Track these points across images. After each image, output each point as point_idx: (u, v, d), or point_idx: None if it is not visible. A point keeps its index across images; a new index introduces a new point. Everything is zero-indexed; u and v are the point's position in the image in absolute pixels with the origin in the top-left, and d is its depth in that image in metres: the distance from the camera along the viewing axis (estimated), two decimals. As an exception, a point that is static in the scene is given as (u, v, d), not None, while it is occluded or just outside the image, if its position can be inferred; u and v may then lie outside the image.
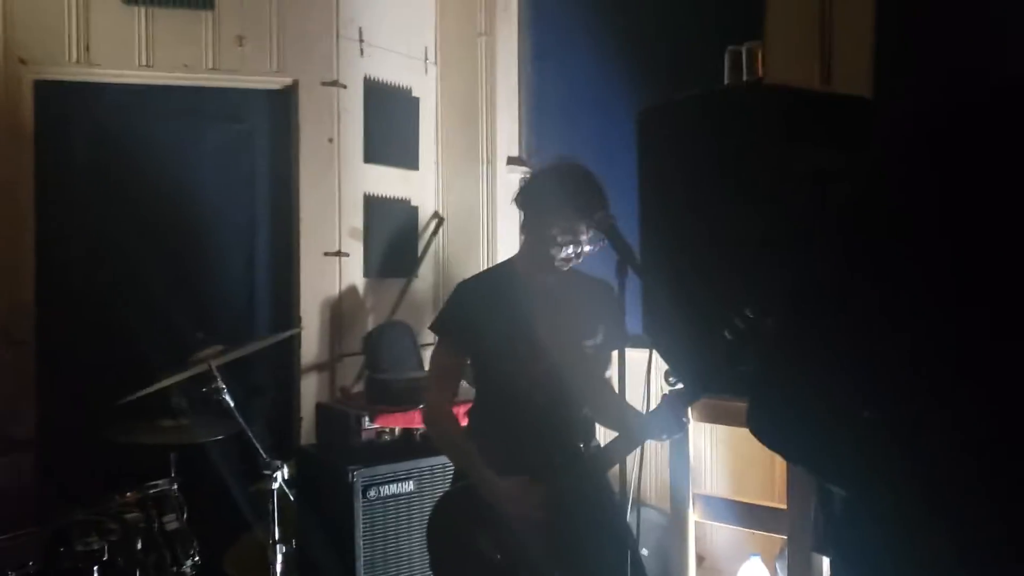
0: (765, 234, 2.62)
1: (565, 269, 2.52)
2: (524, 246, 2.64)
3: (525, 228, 2.60)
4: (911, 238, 1.00)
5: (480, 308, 2.56)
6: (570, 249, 2.45)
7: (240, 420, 3.04)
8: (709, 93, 3.13)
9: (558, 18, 4.44)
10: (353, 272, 4.32)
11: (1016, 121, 0.92)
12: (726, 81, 3.22)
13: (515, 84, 4.62)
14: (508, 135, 4.58)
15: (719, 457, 3.47)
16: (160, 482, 3.10)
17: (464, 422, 2.66)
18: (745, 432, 1.47)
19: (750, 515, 3.16)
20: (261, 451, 3.04)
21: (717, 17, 3.84)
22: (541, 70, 4.59)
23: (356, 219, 4.32)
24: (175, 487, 3.13)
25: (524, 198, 2.56)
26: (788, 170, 2.54)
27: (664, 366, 2.66)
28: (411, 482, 3.30)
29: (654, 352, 3.17)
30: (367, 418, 3.35)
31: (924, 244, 0.98)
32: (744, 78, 3.14)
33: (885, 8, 3.15)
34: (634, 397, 2.46)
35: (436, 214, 4.66)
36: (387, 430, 3.38)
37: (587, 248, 2.46)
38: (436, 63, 4.70)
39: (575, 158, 2.58)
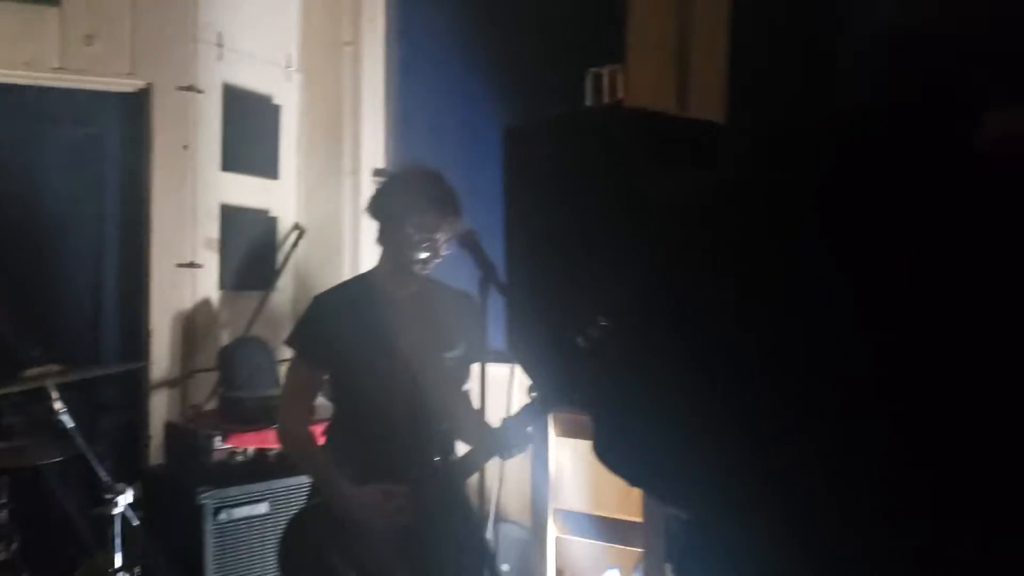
0: (620, 249, 2.70)
1: (424, 272, 2.52)
2: (381, 257, 2.62)
3: (381, 237, 2.58)
4: (760, 247, 1.03)
5: (337, 322, 2.52)
6: (427, 251, 2.45)
7: (80, 441, 2.86)
8: (571, 114, 3.21)
9: (426, 31, 4.43)
10: (207, 284, 4.16)
11: (852, 143, 0.97)
12: (588, 102, 3.29)
13: (382, 95, 4.57)
14: (373, 146, 4.52)
15: (579, 472, 3.50)
16: (-13, 509, 2.89)
17: (323, 440, 2.61)
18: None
19: (608, 529, 3.21)
20: (103, 473, 2.87)
21: (582, 40, 3.92)
22: (408, 82, 4.56)
23: (212, 229, 4.17)
24: (4, 514, 2.92)
25: (378, 204, 2.56)
26: (644, 189, 2.62)
27: (528, 381, 2.70)
28: (264, 504, 3.20)
29: (516, 367, 3.20)
30: (218, 438, 3.23)
31: (771, 252, 1.01)
32: (605, 100, 3.22)
33: (739, 37, 3.28)
34: (497, 413, 2.47)
35: (296, 225, 4.55)
36: (240, 450, 3.27)
37: (444, 250, 2.47)
38: (299, 70, 4.60)
39: (427, 164, 2.63)
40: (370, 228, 4.30)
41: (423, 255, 2.46)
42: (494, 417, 2.48)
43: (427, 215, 2.44)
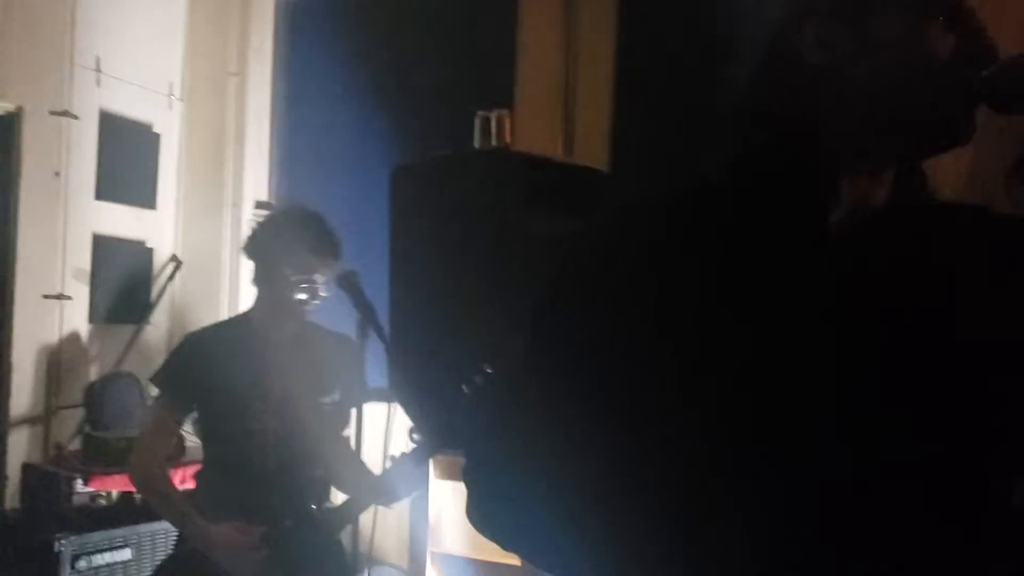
0: (505, 293, 2.72)
1: (303, 315, 2.46)
2: (257, 297, 2.55)
3: (257, 278, 2.51)
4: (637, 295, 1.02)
5: (208, 363, 2.44)
6: (305, 293, 2.40)
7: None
8: (457, 155, 3.23)
9: (315, 65, 4.39)
10: (76, 317, 3.98)
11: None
12: (476, 145, 3.32)
13: (267, 127, 4.51)
14: (257, 179, 4.44)
15: (459, 515, 3.47)
16: None
17: (193, 483, 2.52)
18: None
19: (487, 573, 3.19)
20: (-51, 520, 2.70)
21: (472, 82, 3.97)
22: (296, 115, 4.50)
23: (83, 259, 4.00)
24: None
25: (254, 244, 2.49)
26: (527, 233, 2.66)
27: (409, 424, 2.67)
28: (128, 550, 3.05)
29: (395, 407, 3.17)
30: (79, 480, 3.07)
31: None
32: (492, 143, 3.25)
33: (624, 86, 3.38)
34: (374, 453, 2.43)
35: (174, 257, 4.41)
36: (103, 493, 3.11)
37: (323, 292, 2.43)
38: (182, 99, 4.48)
39: (307, 203, 2.60)
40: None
41: (301, 297, 2.42)
42: (373, 458, 2.45)
43: (305, 257, 2.39)
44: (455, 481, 3.30)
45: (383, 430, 3.14)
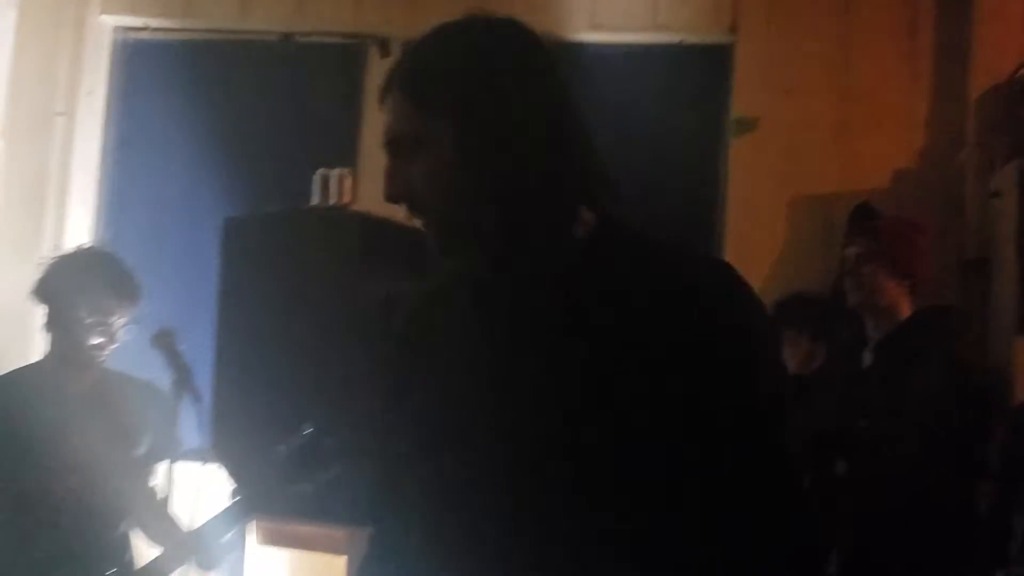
0: (333, 352, 2.70)
1: (99, 360, 2.37)
2: (52, 345, 2.43)
3: (49, 322, 2.40)
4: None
5: None
6: (102, 336, 2.32)
7: None
8: (295, 211, 3.20)
9: (150, 111, 4.27)
10: None
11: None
12: (315, 202, 3.29)
13: (95, 171, 4.31)
14: (81, 225, 4.22)
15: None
16: None
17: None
18: (316, 557, 1.44)
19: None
20: None
21: (314, 140, 3.95)
22: (126, 161, 4.34)
23: None
24: None
25: (45, 286, 2.38)
26: (359, 291, 2.66)
27: (230, 484, 2.56)
28: None
29: (210, 466, 3.04)
30: None
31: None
32: (332, 202, 3.23)
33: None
34: (186, 514, 2.31)
35: (-17, 304, 4.11)
36: None
37: (121, 335, 2.36)
38: (1, 137, 4.23)
39: (99, 246, 2.67)
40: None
41: (97, 340, 2.31)
42: (184, 518, 2.34)
43: (101, 297, 2.32)
44: (278, 547, 3.19)
45: (195, 489, 2.99)
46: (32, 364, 2.56)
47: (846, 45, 3.83)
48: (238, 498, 2.27)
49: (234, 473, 2.87)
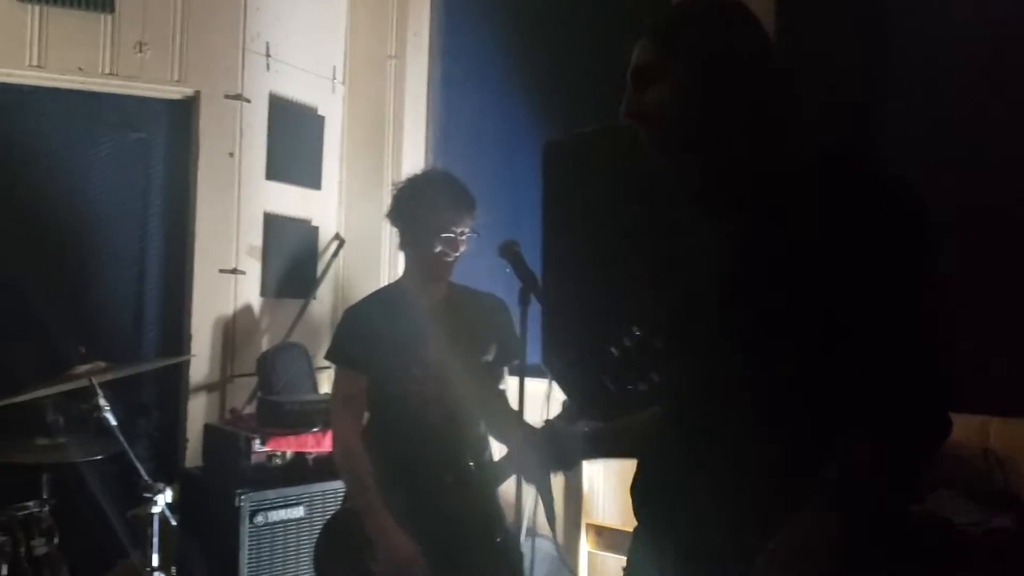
0: (659, 259, 2.70)
1: (448, 270, 2.57)
2: (407, 263, 2.67)
3: (404, 240, 2.63)
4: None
5: (369, 330, 2.57)
6: (448, 245, 2.51)
7: (122, 440, 2.89)
8: (615, 127, 3.20)
9: (469, 47, 4.46)
10: (249, 291, 4.21)
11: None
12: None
13: (423, 109, 4.61)
14: (414, 159, 4.55)
15: (612, 487, 3.48)
16: (30, 504, 2.92)
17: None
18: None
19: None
20: (143, 473, 2.90)
21: (623, 55, 3.91)
22: (450, 96, 4.59)
23: (255, 237, 4.21)
24: (46, 509, 2.95)
25: (397, 206, 2.61)
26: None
27: (562, 395, 2.69)
28: (301, 508, 3.21)
29: (552, 383, 3.19)
30: (258, 440, 3.24)
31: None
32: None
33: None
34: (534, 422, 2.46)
35: (337, 235, 4.59)
36: (278, 454, 3.28)
37: (463, 245, 2.55)
38: (344, 83, 4.65)
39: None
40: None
41: (444, 249, 2.51)
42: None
43: (444, 211, 2.52)
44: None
45: (542, 404, 3.17)
46: (393, 283, 2.82)
47: None
48: (570, 408, 2.37)
49: (565, 384, 3.00)
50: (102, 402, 2.89)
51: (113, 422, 2.91)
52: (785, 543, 1.21)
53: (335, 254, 4.54)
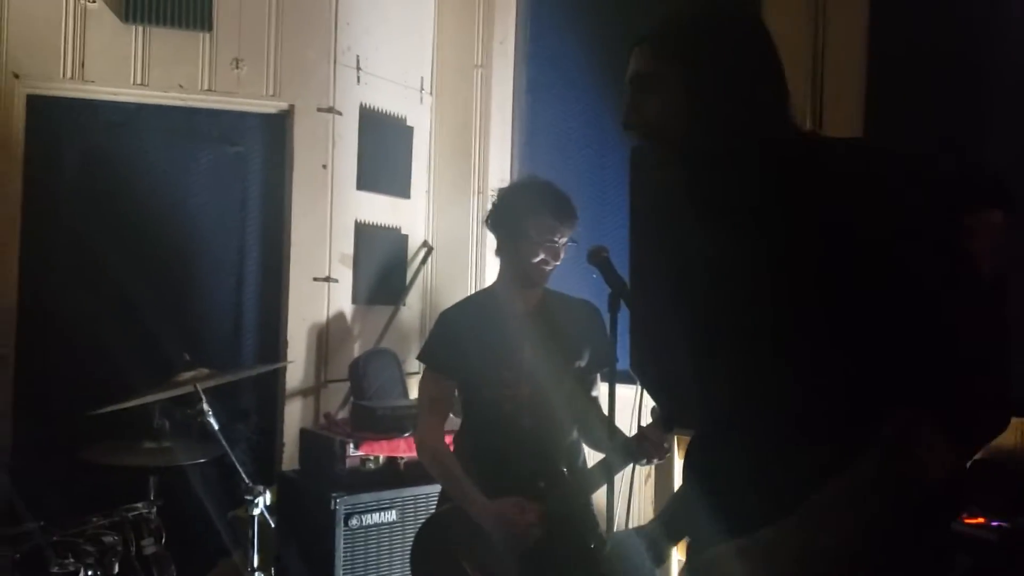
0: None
1: (544, 279, 2.57)
2: (502, 268, 2.67)
3: (501, 247, 2.64)
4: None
5: (463, 335, 2.59)
6: (547, 254, 2.51)
7: (224, 444, 3.00)
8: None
9: (554, 53, 4.48)
10: (341, 298, 4.31)
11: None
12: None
13: (509, 116, 4.65)
14: (500, 167, 4.59)
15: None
16: (139, 505, 3.04)
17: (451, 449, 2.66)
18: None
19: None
20: (244, 476, 3.00)
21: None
22: (535, 103, 4.61)
23: (346, 245, 4.32)
24: (154, 510, 3.07)
25: (497, 215, 2.62)
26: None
27: (652, 403, 2.68)
28: (394, 511, 3.27)
29: (641, 390, 3.18)
30: (352, 445, 3.32)
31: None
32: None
33: (876, 59, 3.20)
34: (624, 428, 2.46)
35: (425, 243, 4.66)
36: (371, 458, 3.34)
37: (562, 253, 2.54)
38: (432, 93, 4.72)
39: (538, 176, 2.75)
40: (494, 247, 4.39)
41: (543, 257, 2.50)
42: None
43: (546, 218, 2.50)
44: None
45: (631, 411, 3.16)
46: (486, 288, 2.85)
47: None
48: (660, 416, 2.38)
49: (654, 392, 2.99)
50: (205, 407, 3.00)
51: (215, 426, 3.01)
52: (830, 493, 1.20)
53: (423, 261, 4.61)
